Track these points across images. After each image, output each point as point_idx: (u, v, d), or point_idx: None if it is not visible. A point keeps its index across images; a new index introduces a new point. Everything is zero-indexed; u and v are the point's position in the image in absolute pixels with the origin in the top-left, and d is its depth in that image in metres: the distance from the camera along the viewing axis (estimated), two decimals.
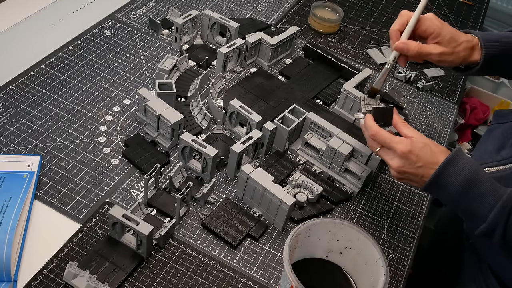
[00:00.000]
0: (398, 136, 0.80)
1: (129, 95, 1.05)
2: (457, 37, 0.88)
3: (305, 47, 1.25)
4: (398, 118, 0.84)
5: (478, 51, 0.89)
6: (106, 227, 0.82)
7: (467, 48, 0.88)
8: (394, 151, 0.79)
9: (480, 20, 1.61)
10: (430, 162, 0.76)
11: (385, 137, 0.80)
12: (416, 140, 0.78)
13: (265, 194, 0.85)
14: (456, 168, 0.74)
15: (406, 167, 0.78)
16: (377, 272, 0.73)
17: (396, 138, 0.79)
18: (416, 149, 0.77)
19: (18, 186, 0.82)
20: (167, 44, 1.20)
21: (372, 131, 0.81)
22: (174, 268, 0.79)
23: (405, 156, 0.77)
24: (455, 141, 1.60)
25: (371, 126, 0.82)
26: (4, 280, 0.73)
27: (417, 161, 0.77)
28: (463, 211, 0.78)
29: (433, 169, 0.76)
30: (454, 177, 0.74)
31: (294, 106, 1.00)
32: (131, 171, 0.92)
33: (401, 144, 0.78)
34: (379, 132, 0.80)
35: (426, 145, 0.77)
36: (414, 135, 0.79)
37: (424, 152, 0.77)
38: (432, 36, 0.87)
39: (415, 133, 0.80)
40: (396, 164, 0.79)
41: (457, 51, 0.88)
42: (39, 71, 1.06)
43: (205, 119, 1.02)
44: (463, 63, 0.90)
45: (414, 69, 1.31)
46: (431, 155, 0.77)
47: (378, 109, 0.85)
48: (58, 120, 0.97)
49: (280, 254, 0.85)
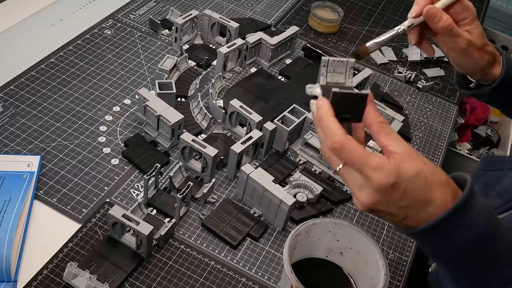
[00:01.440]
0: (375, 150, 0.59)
1: (129, 95, 1.05)
2: (485, 37, 0.76)
3: (305, 47, 1.25)
4: (375, 113, 0.54)
5: (499, 66, 0.78)
6: (106, 227, 0.82)
7: (492, 54, 0.77)
8: (367, 179, 0.52)
9: (480, 20, 1.61)
10: (422, 201, 0.52)
11: (358, 155, 0.52)
12: (404, 164, 0.52)
13: (265, 194, 0.85)
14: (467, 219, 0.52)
15: (382, 204, 0.53)
16: (377, 272, 0.72)
17: (374, 159, 0.51)
18: (404, 181, 0.51)
19: (18, 186, 0.82)
20: (167, 44, 1.20)
21: (336, 143, 0.52)
22: (174, 268, 0.79)
23: (384, 191, 0.51)
24: (455, 141, 1.60)
25: (335, 133, 0.52)
26: (4, 280, 0.73)
27: (402, 198, 0.52)
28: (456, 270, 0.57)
29: (424, 212, 0.52)
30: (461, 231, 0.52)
31: (294, 106, 1.00)
32: (131, 171, 0.92)
33: (380, 172, 0.51)
34: (347, 145, 0.52)
35: (419, 174, 0.52)
36: (399, 149, 0.52)
37: (415, 186, 0.52)
38: (464, 22, 0.74)
39: (401, 145, 0.53)
40: (366, 199, 0.53)
41: (484, 50, 0.76)
42: (39, 71, 1.06)
43: (205, 119, 1.02)
44: (481, 72, 0.78)
45: (414, 69, 1.31)
46: (424, 190, 0.52)
47: (343, 94, 0.53)
48: (58, 120, 0.97)
49: (280, 254, 0.85)
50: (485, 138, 1.66)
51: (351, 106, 0.54)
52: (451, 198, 0.53)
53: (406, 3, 1.57)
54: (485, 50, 0.77)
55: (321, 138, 0.56)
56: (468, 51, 0.75)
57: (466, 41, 0.74)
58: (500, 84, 0.79)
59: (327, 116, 0.53)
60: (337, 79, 0.55)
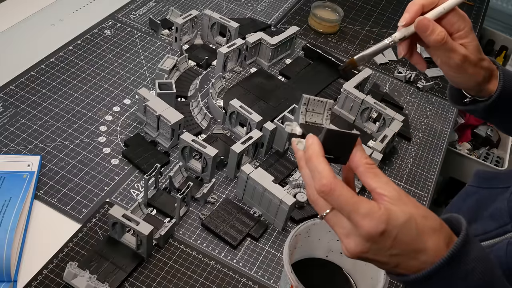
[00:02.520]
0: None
1: (129, 95, 1.05)
2: (481, 52, 0.71)
3: (305, 47, 1.25)
4: (361, 155, 0.51)
5: (495, 80, 0.74)
6: (106, 227, 0.82)
7: (488, 70, 0.73)
8: (355, 226, 0.49)
9: (480, 20, 1.61)
10: (413, 250, 0.49)
11: (346, 201, 0.49)
12: (393, 209, 0.48)
13: (265, 194, 0.85)
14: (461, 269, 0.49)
15: (371, 253, 0.50)
16: (377, 272, 0.73)
17: (364, 205, 0.48)
18: (394, 227, 0.48)
19: (18, 186, 0.82)
20: (167, 44, 1.20)
21: (324, 186, 0.49)
22: (174, 268, 0.79)
23: (373, 239, 0.49)
24: (455, 141, 1.60)
25: (323, 175, 0.49)
26: (4, 280, 0.73)
27: (392, 246, 0.49)
28: None
29: (415, 260, 0.50)
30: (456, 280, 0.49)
31: (294, 106, 1.00)
32: (131, 171, 0.92)
33: (370, 220, 0.48)
34: (337, 190, 0.49)
35: (410, 220, 0.49)
36: (388, 192, 0.49)
37: (406, 233, 0.49)
38: (459, 35, 0.70)
39: (390, 187, 0.50)
40: (354, 248, 0.50)
41: (480, 66, 0.71)
42: (39, 71, 1.06)
43: (205, 119, 1.02)
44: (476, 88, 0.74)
45: (414, 69, 1.31)
46: (415, 237, 0.49)
47: (336, 133, 0.51)
48: (58, 120, 0.97)
49: (280, 254, 0.85)
50: (485, 138, 1.66)
51: (340, 146, 0.51)
52: (444, 244, 0.50)
53: (406, 3, 1.57)
54: (481, 65, 0.72)
55: (307, 179, 0.52)
56: (462, 67, 0.71)
57: (461, 56, 0.69)
58: (496, 100, 0.74)
59: (317, 156, 0.50)
60: (315, 119, 0.55)
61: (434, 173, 1.06)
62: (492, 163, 1.53)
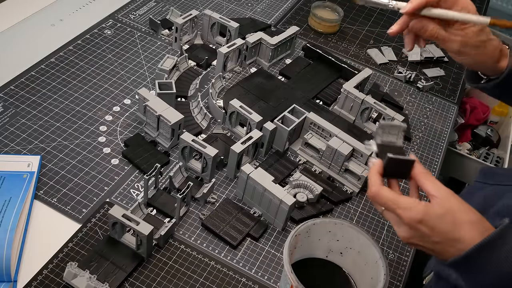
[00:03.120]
0: None
1: (129, 95, 1.05)
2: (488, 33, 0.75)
3: (305, 47, 1.25)
4: (420, 168, 0.64)
5: (506, 58, 0.77)
6: (106, 227, 0.82)
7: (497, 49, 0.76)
8: (399, 218, 0.62)
9: None
10: (451, 239, 0.59)
11: (388, 199, 0.62)
12: (434, 205, 0.59)
13: (265, 194, 0.85)
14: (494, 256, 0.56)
15: (416, 239, 0.61)
16: (377, 272, 0.73)
17: (403, 201, 0.61)
18: (431, 218, 0.59)
19: (18, 186, 0.82)
20: (167, 44, 1.20)
21: (372, 192, 0.63)
22: (174, 268, 0.79)
23: (413, 226, 0.60)
24: (455, 141, 1.60)
25: (372, 184, 0.64)
26: (4, 280, 0.73)
27: (432, 234, 0.59)
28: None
29: (452, 247, 0.59)
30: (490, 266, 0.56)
31: (294, 106, 1.00)
32: (131, 171, 0.92)
33: (408, 211, 0.60)
34: (379, 193, 0.63)
35: (448, 213, 0.59)
36: (438, 193, 0.60)
37: (442, 223, 0.59)
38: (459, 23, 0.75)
39: (441, 190, 0.61)
40: (403, 234, 0.62)
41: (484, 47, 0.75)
42: (39, 71, 1.06)
43: (205, 119, 1.02)
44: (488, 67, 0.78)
45: (414, 69, 1.31)
46: (452, 227, 0.58)
47: (394, 159, 0.64)
48: (58, 120, 0.97)
49: (280, 254, 0.85)
50: (485, 138, 1.66)
51: (400, 168, 0.65)
52: (479, 236, 0.58)
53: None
54: (485, 46, 0.76)
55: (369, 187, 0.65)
56: (463, 51, 0.76)
57: (458, 43, 0.75)
58: (506, 77, 0.78)
59: (373, 172, 0.64)
60: (390, 139, 0.67)
61: (434, 173, 1.06)
62: (492, 163, 1.53)
